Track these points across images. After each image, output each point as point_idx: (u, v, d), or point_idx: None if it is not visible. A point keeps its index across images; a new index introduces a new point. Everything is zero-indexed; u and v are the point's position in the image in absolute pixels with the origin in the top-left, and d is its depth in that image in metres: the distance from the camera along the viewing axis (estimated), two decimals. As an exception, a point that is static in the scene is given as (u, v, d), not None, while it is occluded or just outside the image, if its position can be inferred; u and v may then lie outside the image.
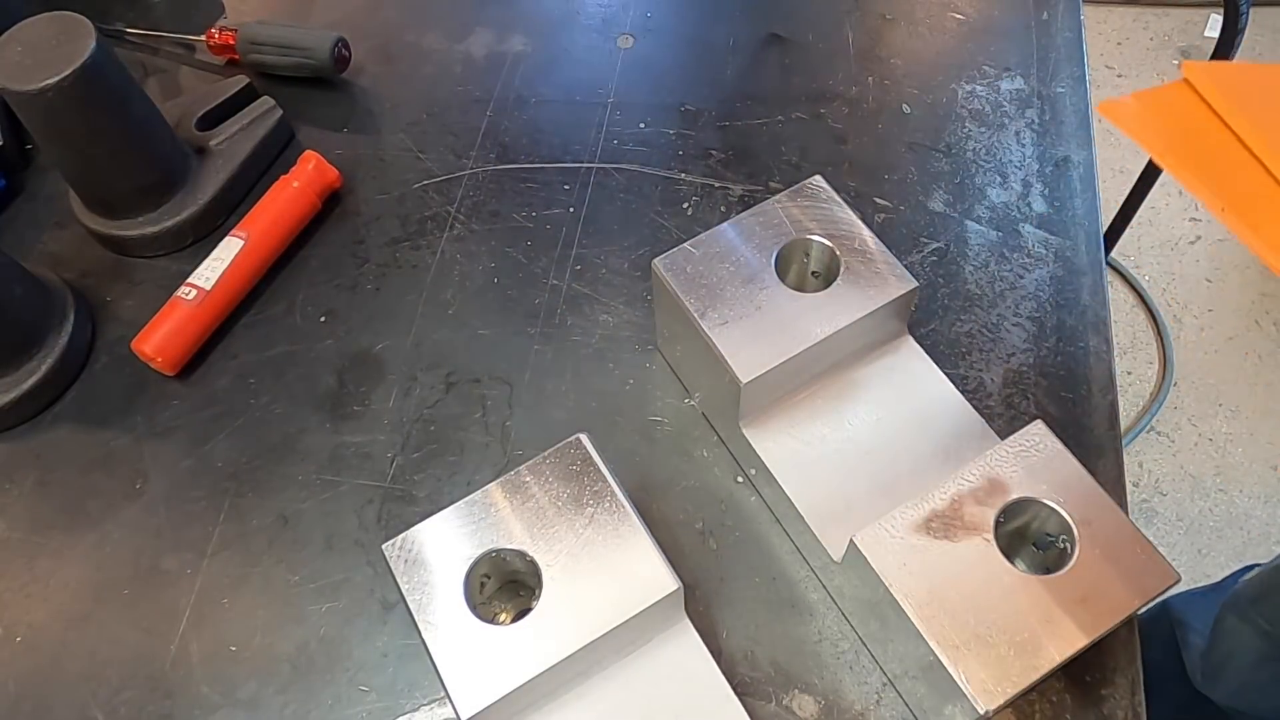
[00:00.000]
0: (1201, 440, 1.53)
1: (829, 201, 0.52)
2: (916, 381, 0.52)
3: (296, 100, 0.71)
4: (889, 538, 0.42)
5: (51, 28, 0.57)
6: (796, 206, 0.52)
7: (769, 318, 0.49)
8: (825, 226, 0.51)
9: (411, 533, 0.44)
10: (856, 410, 0.52)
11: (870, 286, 0.49)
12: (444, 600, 0.42)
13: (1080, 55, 0.71)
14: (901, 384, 0.52)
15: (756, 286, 0.50)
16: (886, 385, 0.52)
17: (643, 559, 0.43)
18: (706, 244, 0.51)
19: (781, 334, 0.48)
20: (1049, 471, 0.44)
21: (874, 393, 0.52)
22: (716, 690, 0.45)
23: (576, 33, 0.75)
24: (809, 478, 0.50)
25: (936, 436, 0.50)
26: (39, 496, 0.56)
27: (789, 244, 0.51)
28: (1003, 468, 0.44)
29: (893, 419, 0.51)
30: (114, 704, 0.49)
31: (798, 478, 0.50)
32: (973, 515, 0.43)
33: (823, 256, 0.51)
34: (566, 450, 0.46)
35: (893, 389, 0.52)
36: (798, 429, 0.51)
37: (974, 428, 0.51)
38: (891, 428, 0.51)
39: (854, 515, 0.48)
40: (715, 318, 0.49)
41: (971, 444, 0.50)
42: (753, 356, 0.48)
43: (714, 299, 0.49)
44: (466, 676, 0.41)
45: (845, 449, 0.50)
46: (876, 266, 0.50)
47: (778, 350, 0.48)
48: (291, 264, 0.64)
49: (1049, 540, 0.44)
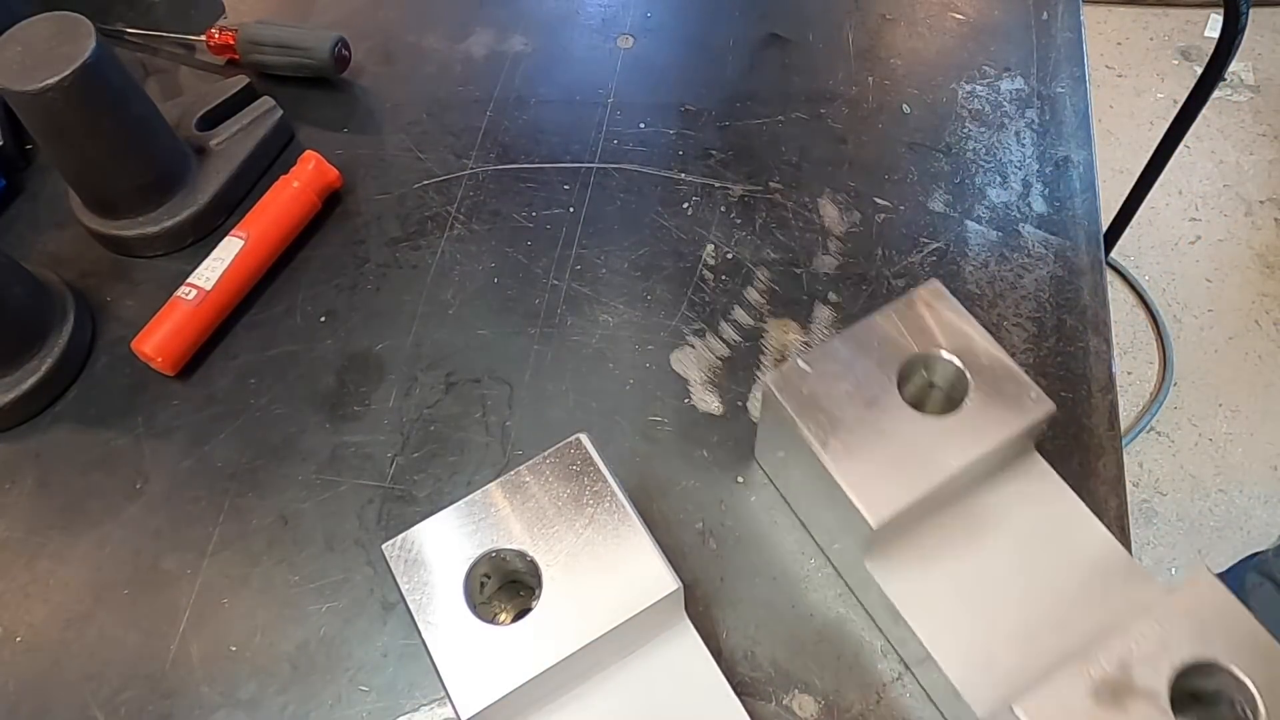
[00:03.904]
0: (1201, 440, 1.53)
1: (952, 310, 0.48)
2: (1050, 506, 0.47)
3: (296, 100, 0.71)
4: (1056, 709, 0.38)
5: (51, 28, 0.57)
6: (915, 315, 0.48)
7: (896, 447, 0.44)
8: (949, 340, 0.47)
9: (411, 533, 0.44)
10: (988, 542, 0.46)
11: (1003, 409, 0.45)
12: (444, 600, 0.42)
13: (1080, 55, 0.71)
14: (1035, 510, 0.47)
15: (879, 410, 0.45)
16: (1018, 512, 0.47)
17: (643, 559, 0.43)
18: (821, 359, 0.47)
19: (911, 465, 0.44)
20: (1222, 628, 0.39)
21: (1006, 521, 0.47)
22: (716, 690, 0.45)
23: (576, 33, 0.75)
24: (944, 622, 0.45)
25: (1077, 570, 0.45)
26: (39, 496, 0.56)
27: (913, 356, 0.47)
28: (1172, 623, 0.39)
29: (1028, 550, 0.46)
30: (114, 704, 0.49)
31: (932, 623, 0.44)
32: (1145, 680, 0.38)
33: (946, 371, 0.47)
34: (566, 450, 0.46)
35: (1025, 516, 0.47)
36: (927, 565, 0.46)
37: (1116, 559, 0.46)
38: (1027, 560, 0.46)
39: (997, 667, 0.43)
40: (838, 448, 0.44)
41: (1115, 580, 0.45)
42: (882, 494, 0.43)
43: (834, 425, 0.45)
44: (466, 676, 0.41)
45: (979, 588, 0.45)
46: (1007, 386, 0.45)
47: (909, 486, 0.43)
48: (291, 264, 0.64)
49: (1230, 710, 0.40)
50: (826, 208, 0.65)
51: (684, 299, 0.61)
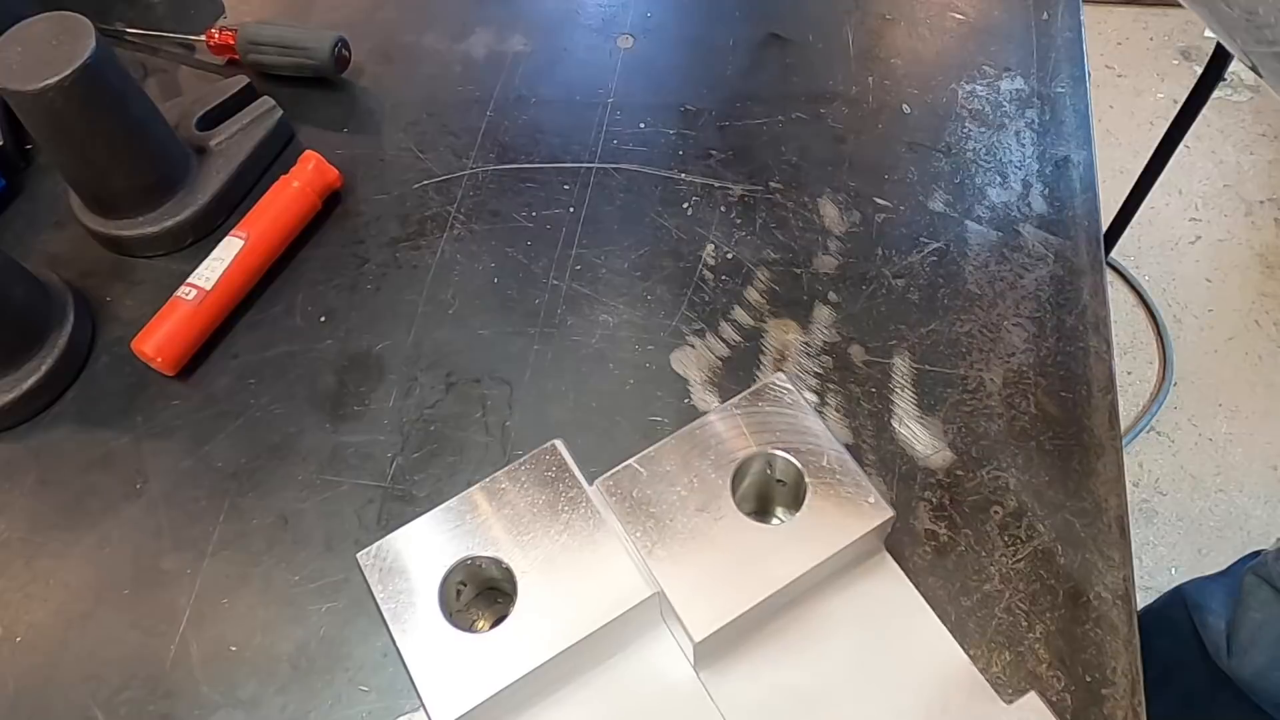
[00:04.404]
0: (1201, 440, 1.53)
1: (794, 407, 0.46)
2: (896, 612, 0.46)
3: (296, 100, 0.71)
4: None
5: (51, 28, 0.57)
6: (759, 411, 0.46)
7: (725, 556, 0.43)
8: (790, 438, 0.45)
9: (386, 540, 0.44)
10: (828, 650, 0.45)
11: (841, 514, 0.44)
12: (418, 608, 0.42)
13: (1080, 55, 0.71)
14: (880, 615, 0.46)
15: (711, 516, 0.44)
16: (863, 617, 0.46)
17: (617, 566, 0.43)
18: (655, 461, 0.45)
19: (740, 576, 0.42)
20: None
21: (848, 627, 0.45)
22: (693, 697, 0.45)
23: (576, 33, 0.76)
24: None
25: (918, 681, 0.44)
26: (39, 496, 0.56)
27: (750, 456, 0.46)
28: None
29: (868, 658, 0.45)
30: (114, 704, 0.49)
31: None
32: None
33: (788, 470, 0.46)
34: (542, 456, 0.45)
35: (870, 621, 0.46)
36: (759, 675, 0.44)
37: (958, 669, 0.44)
38: (866, 670, 0.45)
39: None
40: (664, 556, 0.43)
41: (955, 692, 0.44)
42: (708, 606, 0.42)
43: (662, 532, 0.43)
44: (441, 684, 0.40)
45: (817, 698, 0.44)
46: (847, 490, 0.44)
47: (737, 598, 0.42)
48: (291, 264, 0.64)
49: None
50: (826, 208, 0.65)
51: (684, 299, 0.61)
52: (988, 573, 0.50)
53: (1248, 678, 0.77)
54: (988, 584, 0.49)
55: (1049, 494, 0.52)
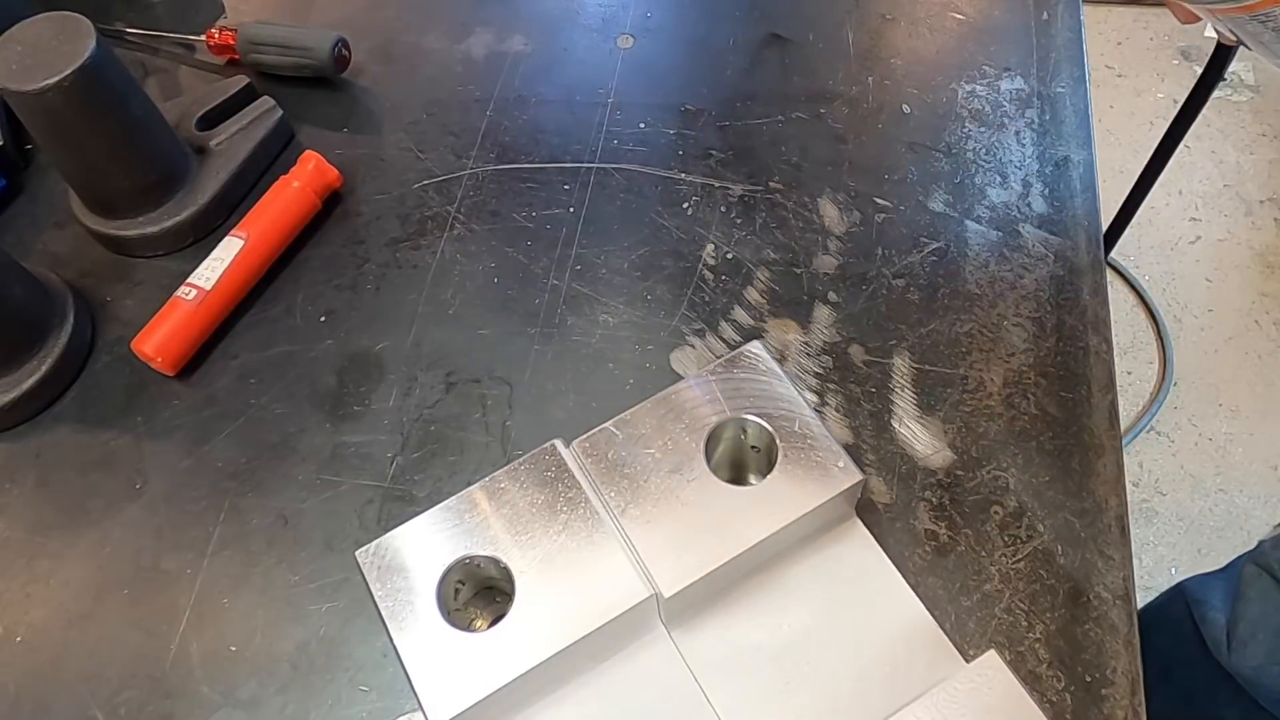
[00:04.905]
0: (1201, 440, 1.53)
1: (768, 374, 0.47)
2: (865, 576, 0.47)
3: (296, 100, 0.71)
4: None
5: (51, 28, 0.57)
6: (733, 378, 0.47)
7: (696, 516, 0.44)
8: (763, 404, 0.47)
9: (385, 539, 0.44)
10: (797, 611, 0.46)
11: (810, 479, 0.45)
12: (416, 606, 0.42)
13: (1080, 55, 0.71)
14: (849, 578, 0.47)
15: (684, 477, 0.45)
16: (831, 580, 0.47)
17: (616, 566, 0.43)
18: (631, 424, 0.47)
19: (710, 536, 0.44)
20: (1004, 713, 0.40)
21: (817, 589, 0.47)
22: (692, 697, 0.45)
23: (576, 33, 0.76)
24: (744, 692, 0.44)
25: (885, 642, 0.45)
26: (39, 496, 0.56)
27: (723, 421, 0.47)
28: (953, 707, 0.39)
29: (835, 619, 0.46)
30: (114, 704, 0.49)
31: (730, 693, 0.44)
32: None
33: (761, 436, 0.47)
34: (541, 456, 0.45)
35: (839, 584, 0.47)
36: (730, 634, 0.46)
37: (925, 630, 0.46)
38: (836, 632, 0.46)
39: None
40: (637, 515, 0.44)
41: (923, 653, 0.45)
42: (677, 564, 0.43)
43: (636, 493, 0.45)
44: (437, 683, 0.40)
45: (784, 657, 0.45)
46: (818, 455, 0.45)
47: (706, 557, 0.43)
48: (291, 264, 0.64)
49: None
50: (826, 208, 0.65)
51: (684, 299, 0.61)
52: (988, 573, 0.50)
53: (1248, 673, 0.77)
54: (988, 584, 0.49)
55: (1049, 494, 0.52)
